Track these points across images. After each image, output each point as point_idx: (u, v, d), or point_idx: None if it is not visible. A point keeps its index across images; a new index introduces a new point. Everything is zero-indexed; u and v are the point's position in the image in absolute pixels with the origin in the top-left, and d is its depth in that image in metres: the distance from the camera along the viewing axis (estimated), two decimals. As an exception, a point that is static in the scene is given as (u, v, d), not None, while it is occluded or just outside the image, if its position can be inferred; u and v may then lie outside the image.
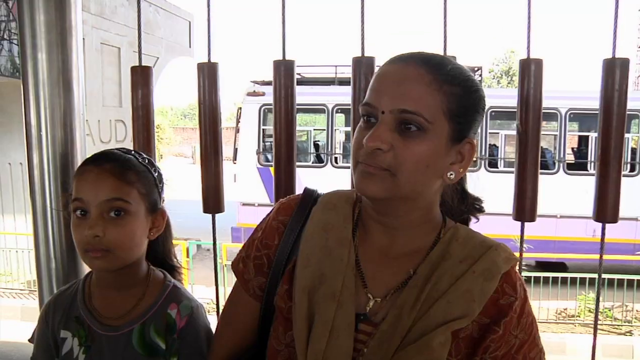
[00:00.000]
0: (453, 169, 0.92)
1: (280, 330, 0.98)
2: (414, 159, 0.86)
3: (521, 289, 0.92)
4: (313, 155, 10.02)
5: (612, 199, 1.41)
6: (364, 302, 0.94)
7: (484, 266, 0.91)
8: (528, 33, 1.46)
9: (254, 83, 9.96)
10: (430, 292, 0.89)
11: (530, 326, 0.92)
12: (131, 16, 9.40)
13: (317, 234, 0.99)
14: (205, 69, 1.59)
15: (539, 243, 7.88)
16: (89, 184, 1.15)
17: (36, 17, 1.52)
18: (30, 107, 1.57)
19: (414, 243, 0.96)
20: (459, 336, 0.89)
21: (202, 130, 1.60)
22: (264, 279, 1.05)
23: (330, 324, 0.90)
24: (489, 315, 0.90)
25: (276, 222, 1.06)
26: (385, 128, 0.86)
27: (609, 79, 1.39)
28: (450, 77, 0.88)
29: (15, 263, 8.36)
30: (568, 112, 8.91)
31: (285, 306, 0.98)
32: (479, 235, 0.97)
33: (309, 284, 0.95)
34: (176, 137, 36.19)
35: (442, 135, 0.88)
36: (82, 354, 1.20)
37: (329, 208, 1.02)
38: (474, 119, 0.92)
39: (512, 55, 25.00)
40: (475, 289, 0.89)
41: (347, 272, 0.94)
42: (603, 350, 6.49)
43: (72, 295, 1.28)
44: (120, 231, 1.15)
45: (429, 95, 0.86)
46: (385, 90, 0.88)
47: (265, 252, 1.05)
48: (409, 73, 0.87)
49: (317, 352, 0.90)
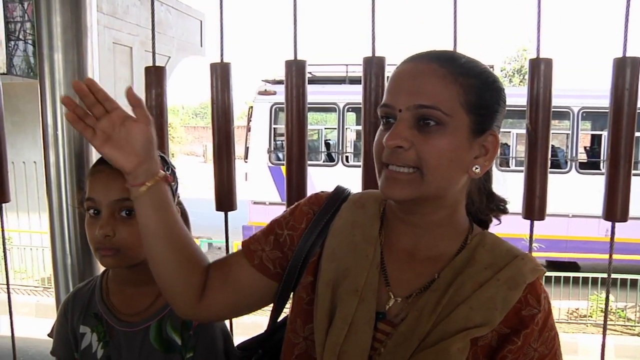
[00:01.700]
0: (478, 163, 0.90)
1: (298, 323, 0.98)
2: (436, 154, 0.85)
3: (545, 302, 0.90)
4: (324, 154, 10.04)
5: (622, 198, 1.42)
6: (384, 301, 0.94)
7: (508, 274, 0.89)
8: (538, 32, 1.47)
9: (265, 82, 9.98)
10: (452, 296, 0.89)
11: (552, 340, 0.90)
12: (143, 16, 9.46)
13: (344, 230, 1.00)
14: (218, 68, 1.61)
15: (551, 242, 7.84)
16: (100, 184, 1.18)
17: (53, 18, 1.55)
18: (46, 106, 1.60)
19: (439, 246, 0.95)
20: (477, 344, 0.88)
21: (215, 129, 1.62)
22: (280, 254, 1.03)
23: (350, 319, 0.91)
24: (510, 325, 0.88)
25: (307, 207, 1.06)
26: (404, 125, 0.86)
27: (620, 78, 1.40)
28: (465, 70, 0.88)
29: (30, 260, 8.46)
30: (580, 110, 8.85)
31: (306, 297, 0.98)
32: (506, 244, 0.96)
33: (332, 278, 0.95)
34: (187, 135, 36.33)
35: (462, 128, 0.87)
36: (101, 349, 1.23)
37: (358, 206, 1.02)
38: (494, 111, 0.91)
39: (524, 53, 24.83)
40: (498, 297, 0.87)
41: (371, 268, 0.94)
42: (616, 350, 6.45)
43: (91, 291, 1.31)
44: (131, 231, 1.16)
45: (444, 88, 0.85)
46: (400, 89, 0.88)
47: (289, 232, 1.04)
48: (423, 69, 0.88)
49: (334, 345, 0.90)
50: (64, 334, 1.30)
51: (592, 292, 7.29)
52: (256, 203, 9.32)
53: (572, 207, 8.37)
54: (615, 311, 7.33)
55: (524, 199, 1.49)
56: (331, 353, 0.90)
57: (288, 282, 1.03)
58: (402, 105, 0.87)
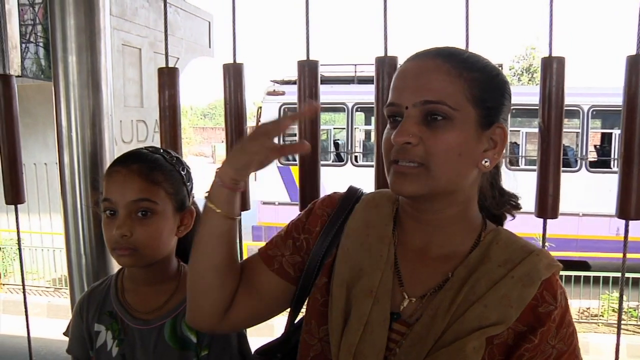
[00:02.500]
0: (487, 156, 0.91)
1: (313, 324, 0.98)
2: (445, 148, 0.85)
3: (562, 298, 0.89)
4: (333, 154, 10.04)
5: (636, 196, 1.41)
6: (399, 301, 0.93)
7: (523, 271, 0.88)
8: (550, 31, 1.47)
9: (273, 82, 10.00)
10: (466, 295, 0.88)
11: (571, 337, 0.89)
12: (151, 17, 9.51)
13: (358, 230, 1.00)
14: (231, 69, 1.62)
15: (562, 241, 7.80)
16: (117, 185, 1.19)
17: (67, 21, 1.57)
18: (61, 108, 1.62)
19: (453, 244, 0.95)
20: (493, 342, 0.87)
21: (228, 130, 1.63)
22: (299, 259, 1.04)
23: (365, 319, 0.90)
24: (526, 322, 0.87)
25: (321, 210, 1.06)
26: (412, 122, 0.86)
27: (633, 76, 1.39)
28: (468, 64, 0.88)
29: (42, 261, 8.52)
30: (590, 109, 8.79)
31: (321, 298, 0.98)
32: (521, 240, 0.95)
33: (347, 278, 0.95)
34: (196, 136, 36.47)
35: (470, 122, 0.87)
36: (116, 347, 1.24)
37: (372, 206, 1.02)
38: (500, 104, 0.91)
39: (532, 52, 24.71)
40: (513, 295, 0.87)
41: (385, 268, 0.94)
42: (628, 350, 6.40)
43: (106, 290, 1.32)
44: (147, 230, 1.18)
45: (449, 83, 0.86)
46: (405, 87, 0.88)
47: (305, 236, 1.05)
48: (427, 66, 0.88)
49: (350, 345, 0.90)
50: (79, 333, 1.32)
51: (603, 292, 7.25)
52: (265, 203, 9.35)
53: (582, 206, 8.32)
54: (628, 310, 7.27)
55: (536, 197, 1.48)
56: (347, 353, 0.90)
57: (305, 285, 1.03)
58: (408, 103, 0.87)
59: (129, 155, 1.24)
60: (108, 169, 1.24)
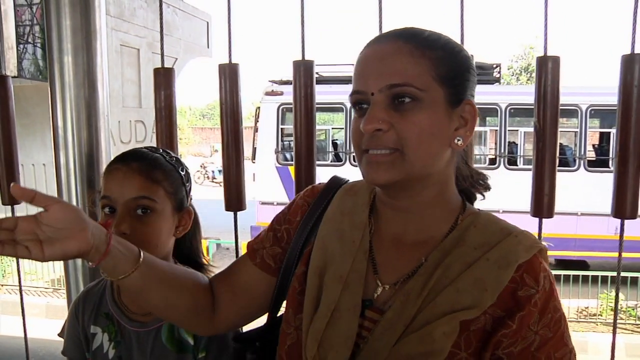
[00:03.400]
0: (459, 134, 0.88)
1: (290, 313, 0.97)
2: (417, 130, 0.83)
3: (545, 282, 0.84)
4: (331, 154, 10.04)
5: (631, 195, 1.41)
6: (372, 289, 0.91)
7: (499, 254, 0.85)
8: (545, 30, 1.47)
9: (272, 82, 10.00)
10: (439, 279, 0.85)
11: (557, 323, 0.83)
12: (150, 18, 9.50)
13: (334, 217, 0.99)
14: (227, 70, 1.62)
15: (560, 241, 7.81)
16: (116, 182, 1.18)
17: (62, 22, 1.57)
18: (57, 109, 1.62)
19: (429, 229, 0.92)
20: (469, 329, 0.83)
21: (224, 130, 1.63)
22: (279, 250, 1.05)
23: (333, 305, 0.89)
24: (505, 307, 0.83)
25: (303, 200, 1.06)
26: (379, 108, 0.84)
27: (628, 75, 1.39)
28: (429, 42, 0.86)
29: (40, 262, 8.51)
30: (589, 108, 8.81)
31: (298, 287, 0.98)
32: (502, 222, 0.91)
33: (320, 265, 0.94)
34: (195, 137, 36.46)
35: (438, 101, 0.85)
36: (112, 349, 1.24)
37: (350, 194, 1.02)
38: (466, 79, 0.89)
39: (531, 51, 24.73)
40: (488, 278, 0.83)
41: (357, 255, 0.93)
42: (626, 349, 6.42)
43: (101, 291, 1.31)
44: (146, 229, 1.17)
45: (413, 64, 0.83)
46: (369, 73, 0.86)
47: (286, 227, 1.05)
48: (388, 49, 0.85)
49: (317, 332, 0.89)
50: (74, 335, 1.31)
51: (601, 291, 7.25)
52: (264, 203, 9.34)
53: (580, 205, 8.33)
54: (626, 310, 7.28)
55: (532, 196, 1.49)
56: (313, 340, 0.89)
57: (285, 274, 1.03)
58: (373, 89, 0.84)
59: (128, 154, 1.23)
60: (107, 167, 1.23)
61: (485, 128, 9.67)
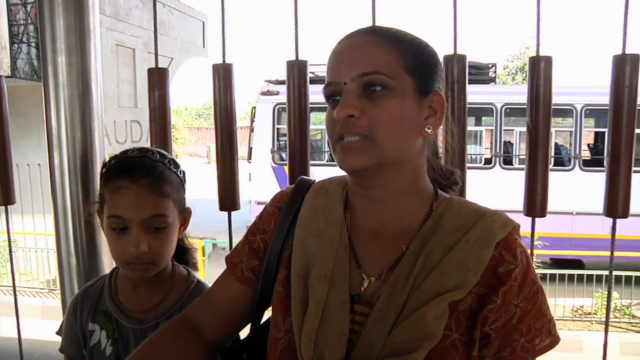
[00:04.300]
0: (429, 123, 0.91)
1: (278, 318, 0.98)
2: (387, 116, 0.86)
3: (522, 256, 0.89)
4: (327, 153, 10.05)
5: (623, 194, 1.42)
6: (358, 283, 0.93)
7: (478, 234, 0.88)
8: (537, 30, 1.48)
9: (267, 82, 10.00)
10: (422, 266, 0.88)
11: (535, 295, 0.88)
12: (145, 17, 9.48)
13: (309, 217, 1.00)
14: (220, 69, 1.62)
15: (555, 240, 7.83)
16: (129, 202, 1.18)
17: (56, 21, 1.57)
18: (50, 109, 1.62)
19: (405, 218, 0.94)
20: (458, 309, 0.86)
21: (218, 130, 1.63)
22: (257, 262, 1.05)
23: (322, 304, 0.90)
24: (488, 285, 0.87)
25: (272, 207, 1.07)
26: (352, 95, 0.87)
27: (619, 75, 1.40)
28: (397, 37, 0.90)
29: (35, 262, 8.50)
30: (584, 108, 8.83)
31: (283, 291, 0.98)
32: (474, 205, 0.95)
33: (302, 267, 0.95)
34: (191, 137, 36.41)
35: (408, 90, 0.88)
36: (110, 346, 1.25)
37: (321, 193, 1.03)
38: (433, 72, 0.93)
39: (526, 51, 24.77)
40: (470, 258, 0.86)
41: (338, 252, 0.94)
42: (621, 348, 6.44)
43: (99, 289, 1.33)
44: (162, 243, 1.21)
45: (383, 54, 0.87)
46: (340, 64, 0.90)
47: (261, 236, 1.06)
48: (359, 41, 0.90)
49: (310, 332, 0.89)
50: (72, 332, 1.32)
51: (596, 290, 7.28)
52: (260, 203, 9.33)
53: (576, 205, 8.37)
54: (620, 308, 7.31)
55: (525, 196, 1.49)
56: (308, 340, 0.89)
57: (265, 282, 1.04)
58: (345, 78, 0.88)
59: (133, 167, 1.21)
60: (111, 182, 1.21)
61: (481, 128, 9.69)
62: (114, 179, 1.21)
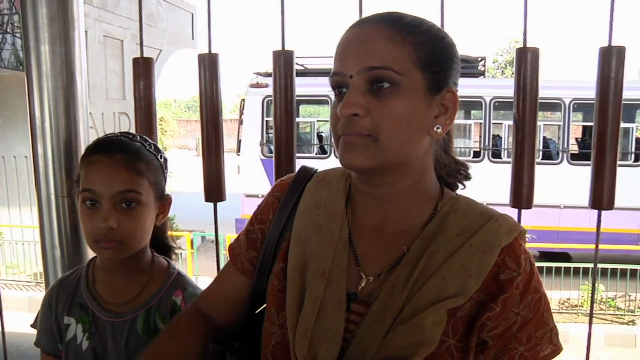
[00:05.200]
0: (438, 122, 0.86)
1: (272, 311, 0.95)
2: (393, 117, 0.81)
3: (526, 264, 0.85)
4: (316, 146, 10.04)
5: (608, 186, 1.43)
6: (356, 281, 0.89)
7: (482, 239, 0.84)
8: (525, 22, 1.47)
9: (257, 74, 9.96)
10: (423, 268, 0.84)
11: (537, 304, 0.84)
12: (134, 9, 9.39)
13: (309, 210, 0.97)
14: (206, 60, 1.61)
15: (543, 233, 7.89)
16: (100, 175, 1.16)
17: (39, 10, 1.54)
18: (34, 99, 1.60)
19: (409, 217, 0.91)
20: (456, 315, 0.83)
21: (204, 121, 1.62)
22: (255, 253, 1.03)
23: (319, 302, 0.87)
24: (488, 291, 0.83)
25: (271, 197, 1.04)
26: (357, 92, 0.82)
27: (605, 67, 1.40)
28: (412, 27, 0.84)
29: (22, 255, 8.43)
30: (572, 102, 8.88)
31: (278, 284, 0.95)
32: (481, 207, 0.91)
33: (300, 262, 0.92)
34: (180, 129, 36.21)
35: (417, 88, 0.83)
36: (86, 340, 1.22)
37: (322, 184, 0.99)
38: (449, 67, 0.87)
39: (516, 45, 24.86)
40: (472, 264, 0.83)
41: (337, 248, 0.91)
42: (606, 339, 6.52)
43: (76, 281, 1.29)
44: (133, 222, 1.16)
45: (393, 47, 0.82)
46: (348, 55, 0.84)
47: (259, 227, 1.03)
48: (369, 32, 0.84)
49: (305, 330, 0.87)
50: (47, 326, 1.28)
51: (583, 282, 7.34)
52: (249, 196, 9.31)
53: (563, 198, 8.42)
54: (605, 300, 7.39)
55: (511, 187, 1.50)
56: (302, 338, 0.87)
57: (262, 272, 1.01)
58: (352, 71, 0.83)
59: (110, 143, 1.20)
60: (87, 157, 1.20)
61: (470, 121, 9.72)
62: (90, 154, 1.20)
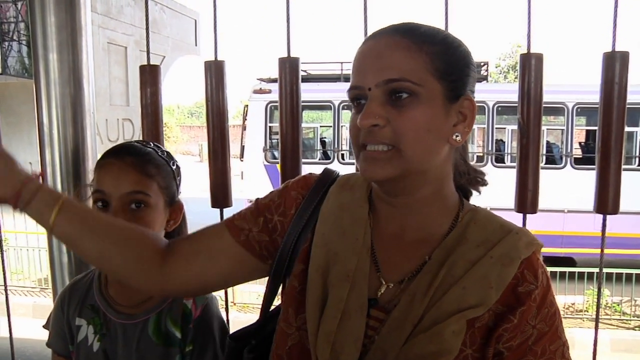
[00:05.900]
0: (457, 130, 0.88)
1: (290, 312, 0.95)
2: (413, 126, 0.83)
3: (543, 277, 0.86)
4: (320, 152, 10.05)
5: (613, 190, 1.43)
6: (376, 287, 0.90)
7: (502, 251, 0.86)
8: (529, 28, 1.49)
9: (260, 80, 9.99)
10: (444, 278, 0.85)
11: (553, 317, 0.86)
12: (137, 15, 9.45)
13: (333, 213, 0.97)
14: (212, 67, 1.62)
15: (547, 238, 7.79)
16: (110, 176, 1.18)
17: (47, 18, 1.56)
18: (42, 106, 1.61)
19: (429, 226, 0.92)
20: (474, 326, 0.84)
21: (210, 127, 1.63)
22: (267, 238, 1.00)
23: (342, 305, 0.88)
24: (506, 303, 0.84)
25: (296, 192, 1.03)
26: (376, 103, 0.83)
27: (609, 72, 1.41)
28: (427, 37, 0.85)
29: (27, 261, 8.45)
30: (575, 106, 8.87)
31: (298, 286, 0.95)
32: (500, 219, 0.92)
33: (322, 264, 0.92)
34: (183, 135, 36.29)
35: (436, 97, 0.84)
36: (97, 341, 1.24)
37: (346, 189, 0.99)
38: (465, 75, 0.88)
39: (518, 50, 24.87)
40: (492, 275, 0.84)
41: (362, 252, 0.91)
42: (612, 345, 6.48)
43: (88, 283, 1.31)
44: (140, 223, 1.17)
45: (410, 58, 0.83)
46: (366, 68, 0.86)
47: (280, 218, 1.01)
48: (385, 44, 0.85)
49: (328, 333, 0.87)
50: (59, 327, 1.30)
51: (588, 287, 7.32)
52: (252, 201, 9.32)
53: (567, 203, 8.40)
54: (611, 305, 7.36)
55: (516, 192, 1.50)
56: (325, 342, 0.87)
57: (278, 270, 1.00)
58: (370, 84, 0.84)
59: (121, 148, 1.23)
60: (100, 161, 1.23)
61: (473, 126, 9.72)
62: (103, 159, 1.23)
